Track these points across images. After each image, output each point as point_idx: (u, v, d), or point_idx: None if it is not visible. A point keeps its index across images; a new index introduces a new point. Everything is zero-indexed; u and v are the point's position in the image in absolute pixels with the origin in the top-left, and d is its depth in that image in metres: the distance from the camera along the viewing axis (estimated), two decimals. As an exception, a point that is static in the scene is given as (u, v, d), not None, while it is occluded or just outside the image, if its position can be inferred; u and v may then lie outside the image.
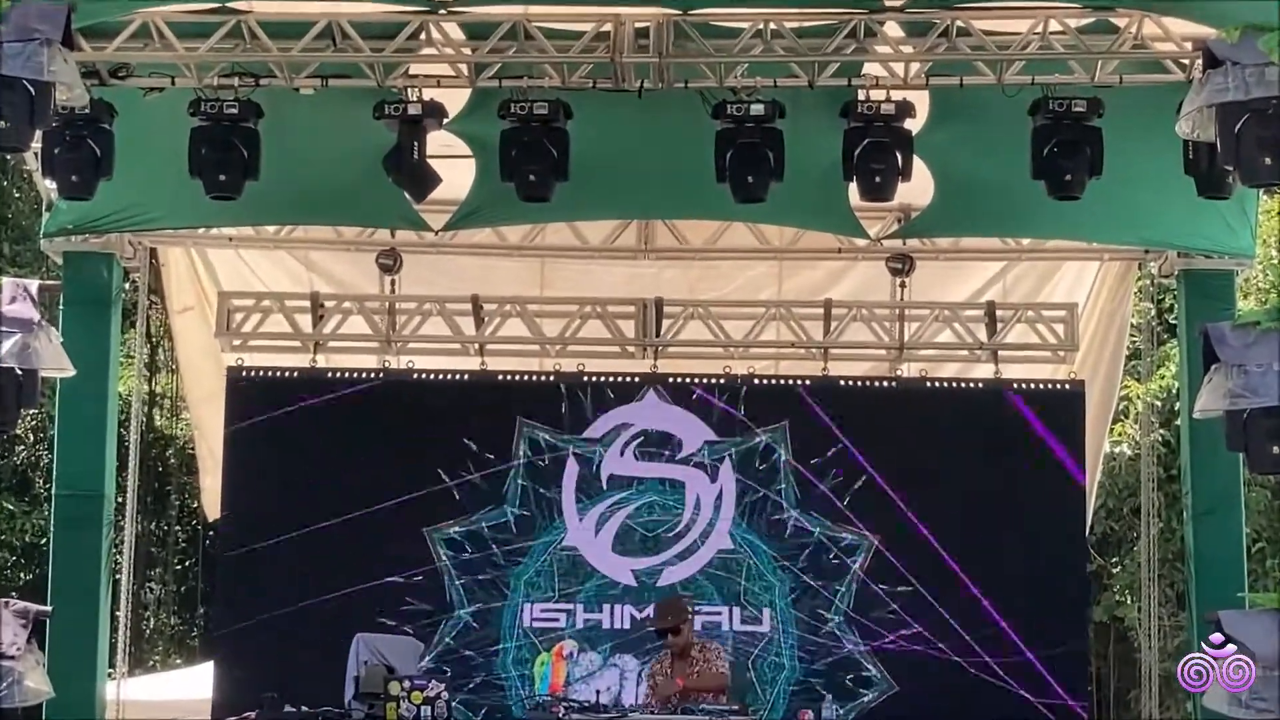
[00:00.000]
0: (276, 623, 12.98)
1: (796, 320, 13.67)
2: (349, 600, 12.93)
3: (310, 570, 13.08)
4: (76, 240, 12.73)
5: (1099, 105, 11.14)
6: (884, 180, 11.30)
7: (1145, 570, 14.15)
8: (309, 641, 12.71)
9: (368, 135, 11.59)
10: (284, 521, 13.16)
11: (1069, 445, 13.21)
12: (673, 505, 13.26)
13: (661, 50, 11.24)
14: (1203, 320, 9.97)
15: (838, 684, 12.60)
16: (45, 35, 8.54)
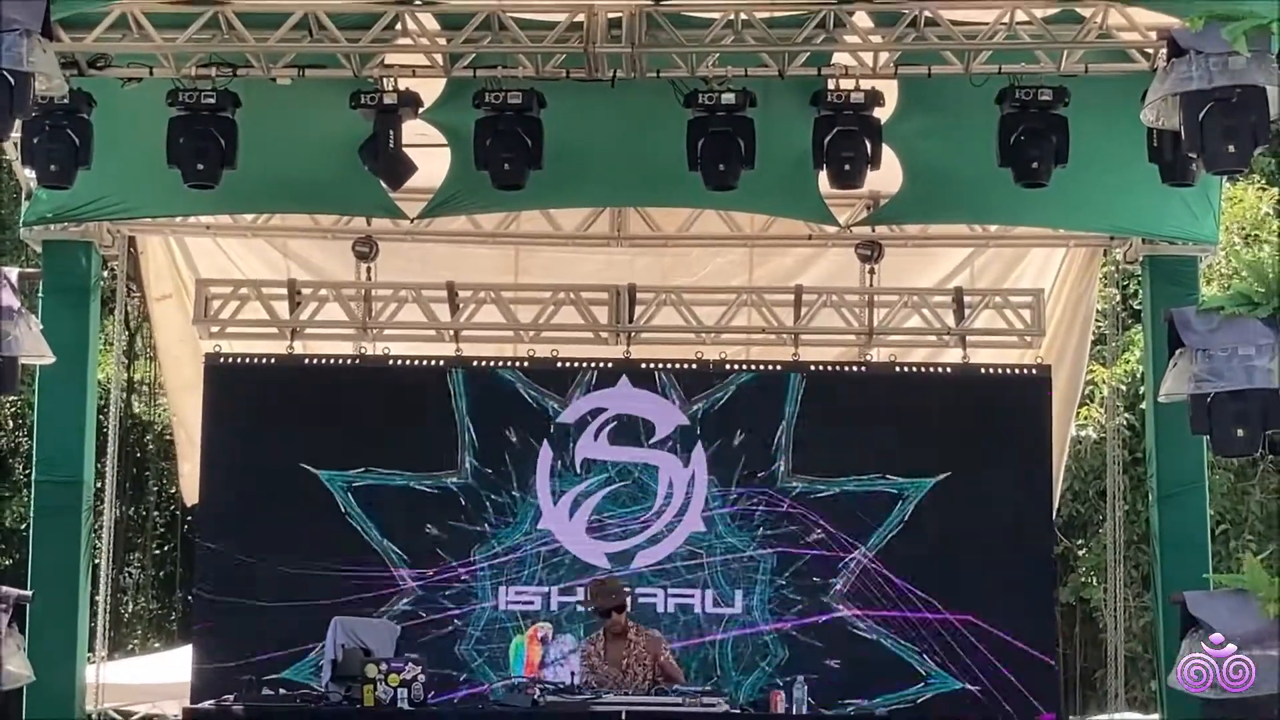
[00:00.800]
0: (254, 608, 12.95)
1: (768, 306, 13.67)
2: (326, 585, 12.91)
3: (287, 556, 13.03)
4: (56, 229, 12.67)
5: (1065, 94, 11.16)
6: (853, 168, 11.31)
7: (1111, 552, 14.19)
8: (287, 626, 12.69)
9: (344, 124, 11.58)
10: (262, 507, 13.13)
11: (1036, 429, 13.21)
12: (646, 489, 13.25)
13: (634, 40, 11.23)
14: (1167, 306, 10.01)
15: (808, 665, 12.58)
16: (24, 25, 8.51)
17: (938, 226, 13.65)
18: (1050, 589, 13.64)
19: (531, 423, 13.28)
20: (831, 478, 13.17)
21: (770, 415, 13.26)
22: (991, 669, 12.78)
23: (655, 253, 14.00)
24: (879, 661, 12.88)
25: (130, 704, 18.25)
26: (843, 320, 13.66)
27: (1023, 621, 12.93)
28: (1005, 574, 13.02)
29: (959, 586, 12.97)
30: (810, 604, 13.06)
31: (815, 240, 13.70)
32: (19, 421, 21.84)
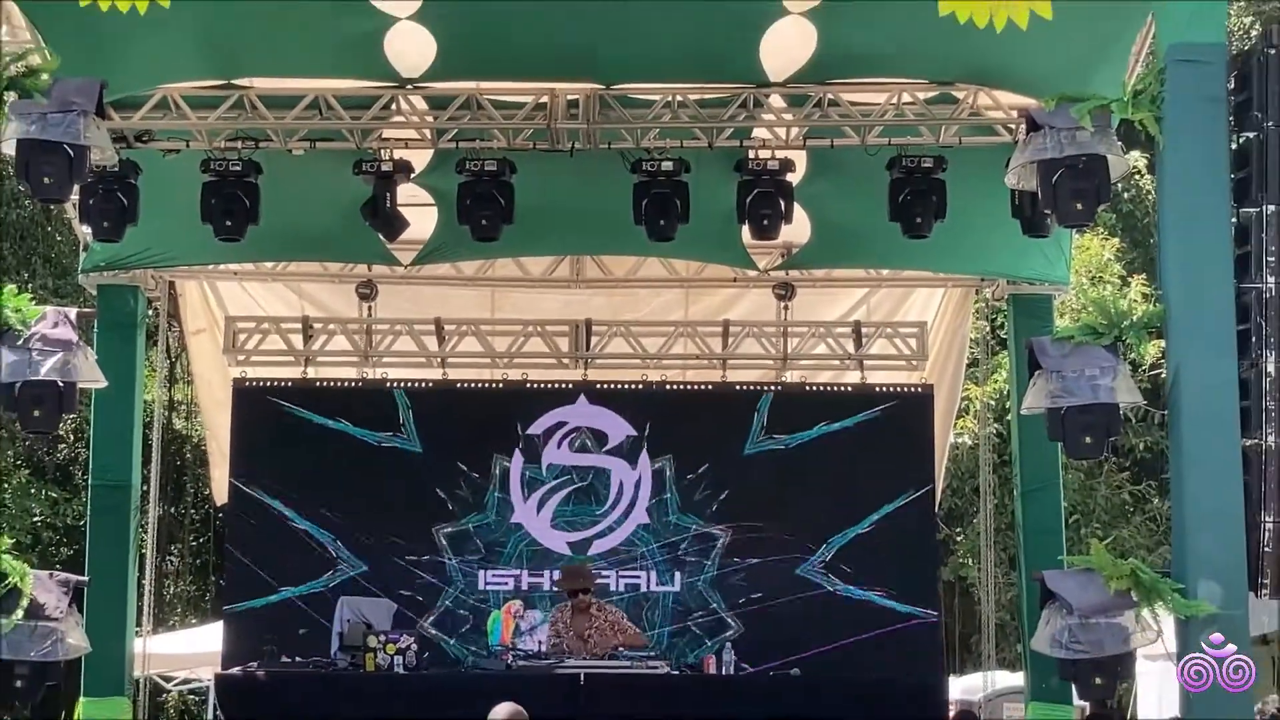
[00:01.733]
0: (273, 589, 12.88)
1: (700, 337, 13.67)
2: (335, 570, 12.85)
3: (299, 545, 12.96)
4: (108, 275, 12.61)
5: (943, 162, 11.24)
6: (770, 223, 11.35)
7: (983, 538, 14.23)
8: (301, 603, 12.63)
9: (348, 188, 11.57)
10: (282, 508, 13.05)
11: (921, 437, 13.25)
12: (600, 488, 13.22)
13: (589, 118, 11.25)
14: (1028, 335, 10.02)
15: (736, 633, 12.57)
16: (81, 107, 8.46)
17: (840, 270, 13.67)
18: (934, 567, 13.65)
19: (506, 434, 13.24)
20: (755, 475, 13.14)
21: (704, 427, 13.24)
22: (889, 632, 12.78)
23: (608, 293, 13.98)
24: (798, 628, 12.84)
25: (171, 670, 18.13)
26: (762, 348, 13.67)
27: (913, 594, 12.95)
28: (900, 556, 13.03)
29: (864, 564, 12.96)
30: (740, 582, 13.03)
31: (739, 282, 13.70)
32: (78, 435, 21.64)
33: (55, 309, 8.65)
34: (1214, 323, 8.17)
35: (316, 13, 9.85)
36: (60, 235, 20.74)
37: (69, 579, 8.48)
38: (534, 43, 10.26)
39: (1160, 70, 8.31)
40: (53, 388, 8.40)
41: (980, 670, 17.60)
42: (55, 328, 8.47)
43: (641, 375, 13.59)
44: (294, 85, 11.18)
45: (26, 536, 20.59)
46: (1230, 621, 7.86)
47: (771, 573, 13.01)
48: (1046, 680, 11.11)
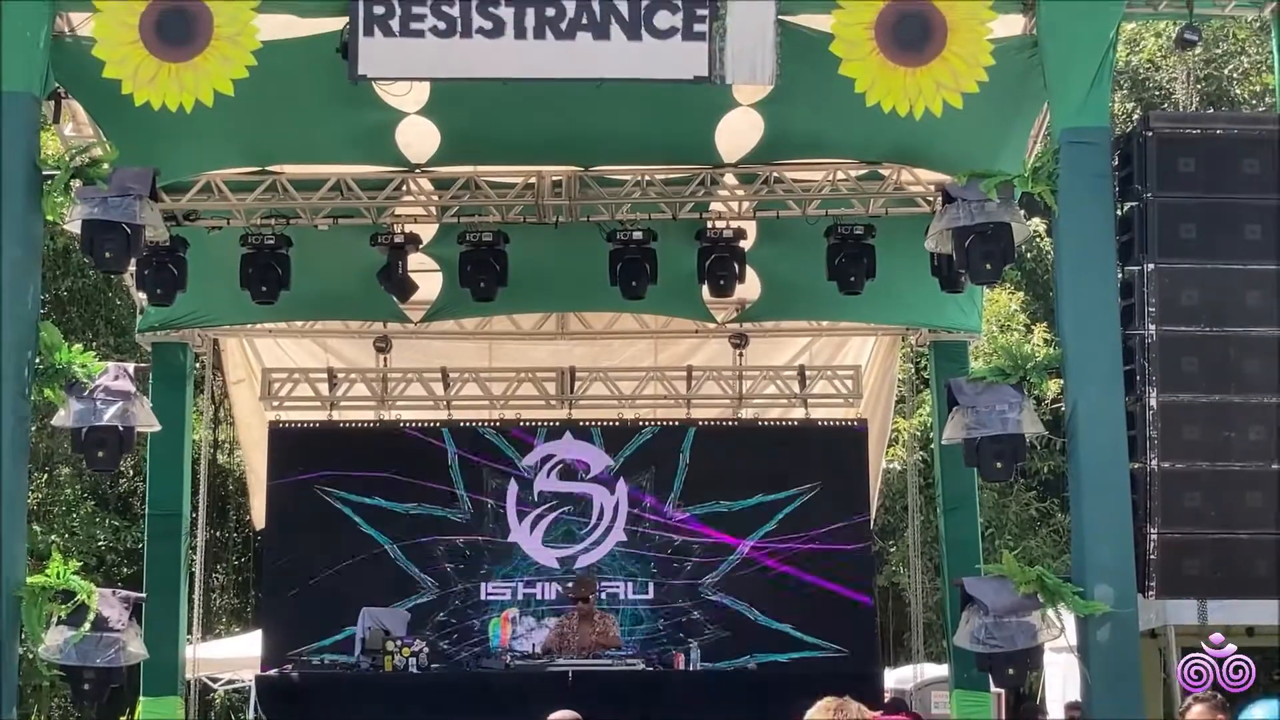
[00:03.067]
0: (305, 602, 12.80)
1: (668, 380, 13.67)
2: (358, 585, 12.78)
3: (327, 565, 12.90)
4: (161, 334, 12.56)
5: (873, 229, 11.29)
6: (726, 283, 11.38)
7: (911, 549, 14.23)
8: (329, 615, 12.55)
9: (366, 257, 11.55)
10: (311, 530, 12.99)
11: (857, 464, 13.24)
12: (584, 512, 13.19)
13: (571, 195, 11.29)
14: (947, 376, 10.05)
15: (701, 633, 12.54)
16: (137, 191, 8.45)
17: (786, 322, 13.66)
18: (869, 575, 13.63)
19: (503, 466, 13.20)
20: (716, 500, 13.12)
21: (671, 456, 13.24)
22: (832, 631, 12.75)
23: (588, 343, 13.96)
24: (753, 630, 12.82)
25: (217, 673, 18.02)
26: (721, 389, 13.67)
27: (852, 597, 12.92)
28: (839, 565, 13.00)
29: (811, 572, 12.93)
30: (704, 589, 12.99)
31: (700, 334, 13.69)
32: (137, 470, 21.51)
33: (116, 364, 8.61)
34: (1104, 363, 8.20)
35: (337, 109, 9.86)
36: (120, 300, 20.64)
37: (129, 595, 8.44)
38: (523, 132, 10.30)
39: (1055, 150, 8.36)
40: (114, 432, 8.36)
41: (911, 663, 17.56)
42: (116, 380, 8.43)
43: (618, 414, 13.58)
44: (319, 170, 11.19)
45: (93, 559, 20.41)
46: (1122, 619, 7.87)
47: (734, 579, 12.97)
48: (967, 671, 11.09)
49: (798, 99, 9.51)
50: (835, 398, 13.66)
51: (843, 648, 12.63)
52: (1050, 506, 21.66)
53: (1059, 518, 20.98)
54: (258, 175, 11.15)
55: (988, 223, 8.45)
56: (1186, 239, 8.24)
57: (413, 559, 12.98)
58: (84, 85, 8.81)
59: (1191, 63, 20.84)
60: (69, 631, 7.94)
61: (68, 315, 20.32)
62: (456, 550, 13.02)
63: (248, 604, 25.32)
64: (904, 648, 21.21)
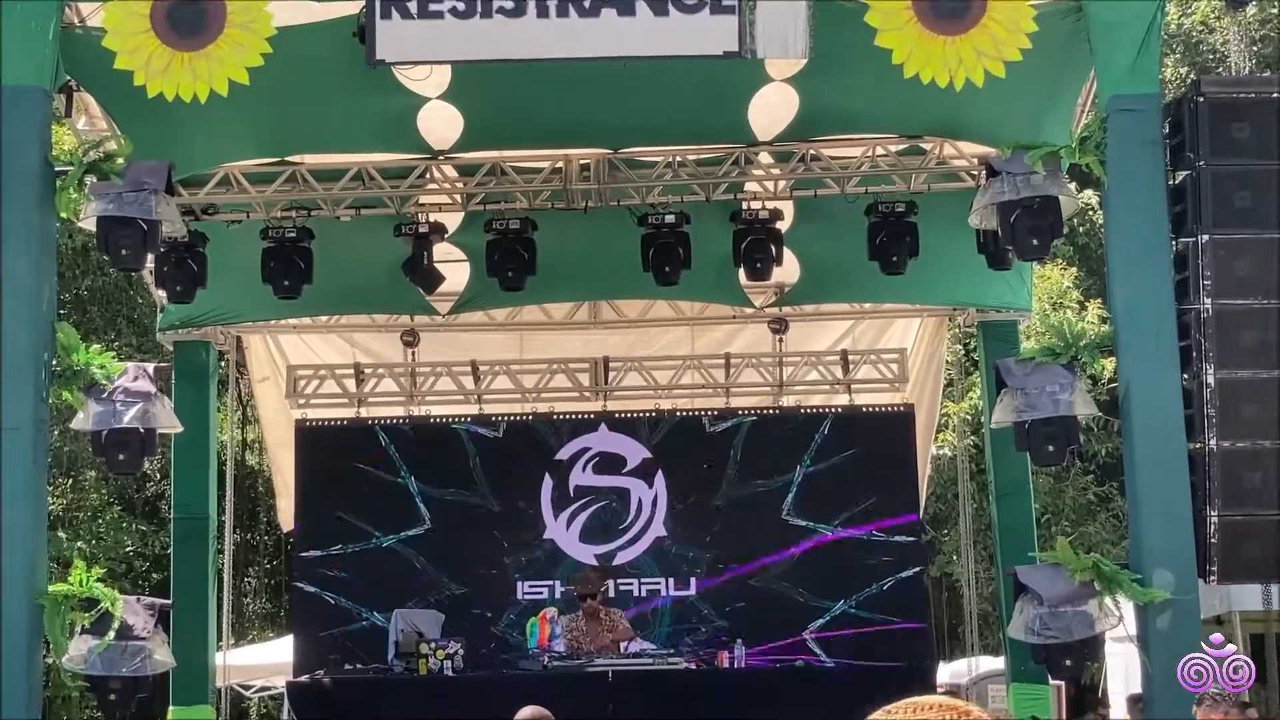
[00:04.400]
0: (336, 604, 12.83)
1: (705, 369, 13.64)
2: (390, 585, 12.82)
3: (358, 565, 12.93)
4: (182, 333, 12.63)
5: (914, 206, 11.23)
6: (763, 266, 11.35)
7: (964, 539, 14.17)
8: (361, 616, 12.60)
9: (390, 248, 11.59)
10: (341, 532, 13.03)
11: (904, 451, 13.18)
12: (622, 506, 13.17)
13: (600, 179, 11.27)
14: (996, 357, 10.01)
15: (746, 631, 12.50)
16: (153, 186, 8.49)
17: (827, 305, 13.63)
18: (921, 565, 13.55)
19: (537, 460, 13.21)
20: (759, 490, 13.09)
21: (711, 446, 13.20)
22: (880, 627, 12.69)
23: (622, 332, 13.96)
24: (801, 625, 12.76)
25: (249, 680, 18.11)
26: (761, 377, 13.62)
27: (902, 591, 12.86)
28: (888, 557, 12.94)
29: (856, 568, 12.88)
30: (749, 583, 12.97)
31: (738, 319, 13.68)
32: (164, 474, 21.64)
33: (135, 365, 8.67)
34: (1158, 341, 8.14)
35: (356, 96, 9.88)
36: (141, 298, 20.77)
37: (154, 602, 8.50)
38: (549, 115, 10.29)
39: (1103, 119, 8.30)
40: (135, 434, 8.41)
41: (966, 656, 17.48)
42: (135, 381, 8.48)
43: (654, 404, 13.55)
44: (340, 160, 11.21)
45: (120, 565, 20.58)
46: (1183, 606, 7.82)
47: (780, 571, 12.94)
48: (1025, 663, 11.03)
49: (833, 72, 9.47)
50: (880, 383, 13.60)
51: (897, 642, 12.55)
52: (1109, 491, 21.54)
53: (1118, 502, 20.86)
54: (277, 166, 11.18)
55: (1034, 196, 8.41)
56: (1241, 208, 8.16)
57: (445, 557, 12.98)
58: (96, 77, 8.86)
59: (1246, 24, 20.63)
60: (93, 640, 8.00)
61: (89, 315, 20.48)
62: (490, 547, 13.02)
63: (280, 608, 25.44)
64: (959, 640, 21.14)
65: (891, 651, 12.17)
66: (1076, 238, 23.28)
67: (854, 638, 12.54)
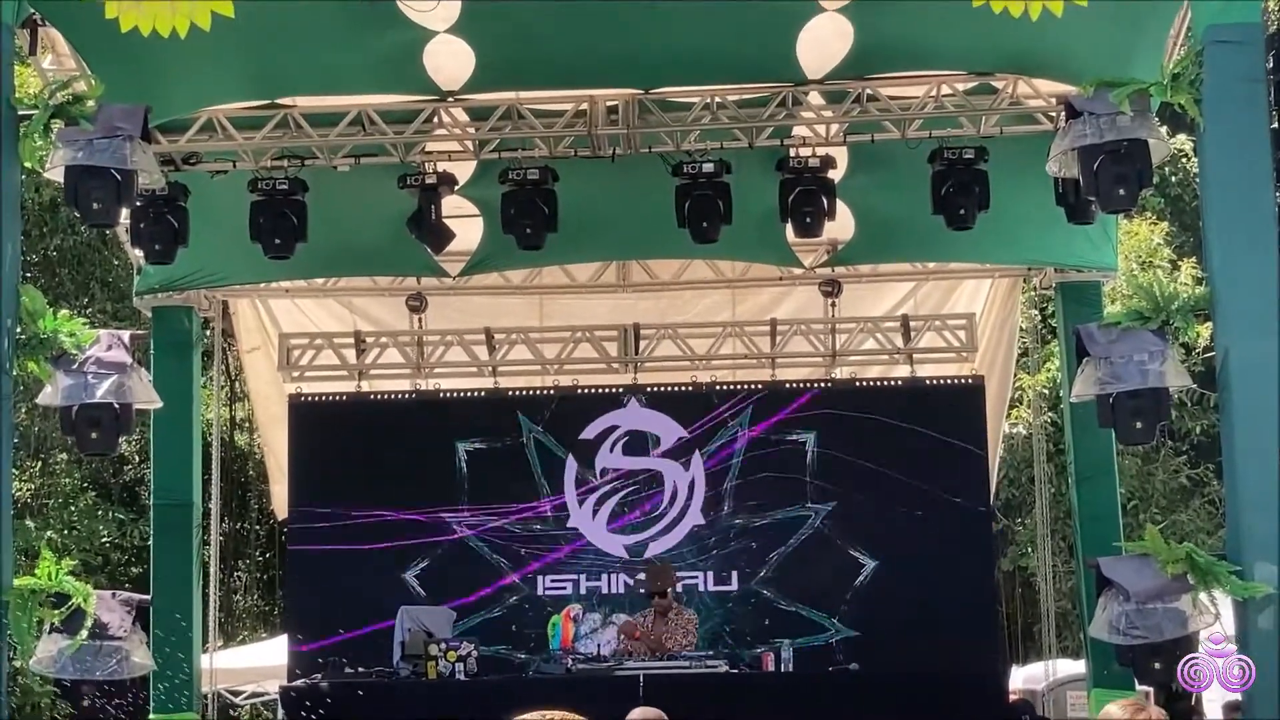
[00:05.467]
0: (335, 600, 12.91)
1: (748, 336, 13.63)
2: (395, 581, 12.88)
3: (361, 558, 13.00)
4: (162, 297, 12.69)
5: (984, 152, 11.15)
6: (814, 220, 11.30)
7: (1040, 527, 14.15)
8: (363, 614, 12.66)
9: (394, 202, 11.59)
10: (340, 521, 13.08)
11: (972, 429, 13.14)
12: (654, 491, 13.20)
13: (629, 123, 11.23)
14: (1076, 322, 9.96)
15: (794, 632, 12.52)
16: (127, 132, 8.47)
17: (886, 265, 13.62)
18: (990, 560, 13.54)
19: (558, 439, 13.22)
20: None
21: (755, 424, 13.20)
22: (944, 628, 12.68)
23: (654, 296, 13.97)
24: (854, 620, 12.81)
25: (238, 685, 18.22)
26: (811, 346, 13.61)
27: (969, 588, 12.85)
28: (953, 549, 12.93)
29: (917, 560, 12.89)
30: (795, 582, 12.98)
31: (785, 280, 13.66)
32: (144, 456, 21.78)
33: (109, 332, 8.67)
34: (1261, 304, 8.03)
35: (354, 29, 9.87)
36: (117, 260, 20.88)
37: (132, 598, 8.52)
38: (572, 50, 10.26)
39: (1198, 52, 8.20)
40: (109, 410, 8.42)
41: (1042, 659, 17.47)
42: (109, 351, 8.49)
43: (691, 377, 13.56)
44: (336, 102, 11.21)
45: (96, 558, 20.73)
46: (1288, 602, 7.76)
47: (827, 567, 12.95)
48: (1107, 667, 11.01)
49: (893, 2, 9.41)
50: (946, 352, 13.58)
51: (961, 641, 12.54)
52: (1204, 473, 21.47)
53: (1214, 486, 20.77)
54: (266, 110, 11.18)
55: (1120, 140, 8.33)
56: (1356, 153, 8.06)
57: (456, 549, 13.03)
58: (62, 11, 8.86)
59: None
60: (63, 640, 8.03)
61: (57, 278, 20.58)
62: (507, 538, 13.05)
63: (274, 605, 25.61)
64: (1035, 642, 21.12)
65: (957, 654, 12.16)
66: (1168, 188, 23.14)
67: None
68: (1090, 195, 8.87)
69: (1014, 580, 21.86)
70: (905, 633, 12.62)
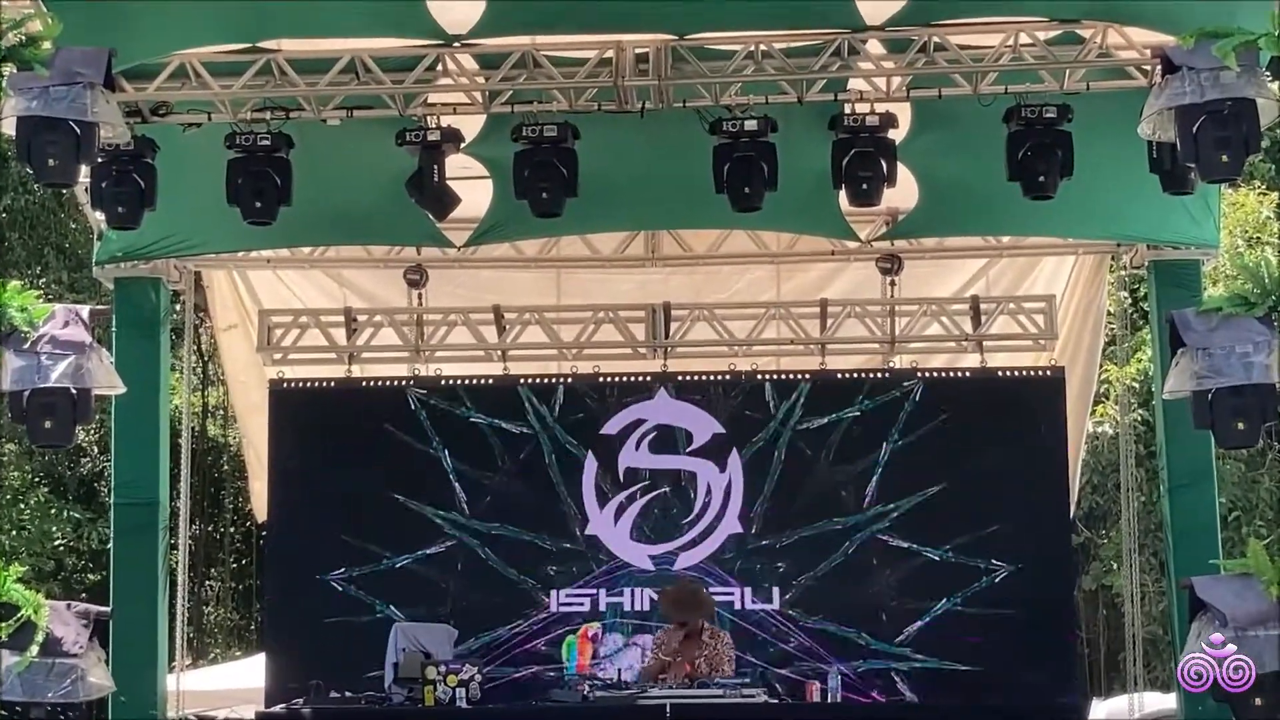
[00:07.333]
0: (320, 616, 12.96)
1: (795, 319, 13.63)
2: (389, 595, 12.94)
3: (346, 567, 13.06)
4: (126, 267, 12.73)
5: (1068, 111, 11.10)
6: (871, 186, 11.26)
7: (1127, 541, 14.12)
8: (351, 633, 12.71)
9: (391, 161, 11.59)
10: (325, 522, 13.14)
11: (1051, 427, 13.14)
12: (685, 495, 13.22)
13: (660, 73, 11.21)
14: (1171, 307, 9.95)
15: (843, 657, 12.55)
16: (88, 78, 8.54)
17: (953, 239, 13.61)
18: (1070, 578, 13.53)
19: (576, 435, 13.26)
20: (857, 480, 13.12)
21: (800, 421, 13.21)
22: (1015, 654, 12.69)
23: (688, 272, 13.98)
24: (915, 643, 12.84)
25: (210, 709, 18.27)
26: (866, 330, 13.61)
27: (1044, 609, 12.85)
28: (1028, 565, 12.94)
29: (984, 578, 12.90)
30: (846, 599, 13.00)
31: (838, 255, 13.66)
32: (104, 448, 21.91)
33: (65, 307, 8.75)
34: (1384, 287, 8.07)
35: (348, -36, 9.90)
36: (75, 224, 21.00)
37: (89, 610, 8.59)
38: (596, -11, 10.29)
39: (1315, 0, 8.21)
40: (65, 395, 8.51)
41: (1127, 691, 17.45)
42: (65, 328, 8.56)
43: (729, 364, 13.57)
44: (327, 47, 11.22)
45: (48, 562, 20.88)
46: None
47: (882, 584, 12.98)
48: (1202, 702, 10.99)
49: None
50: (1021, 339, 13.58)
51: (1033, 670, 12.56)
52: (1318, 482, 21.39)
53: (1329, 497, 20.73)
54: (247, 54, 11.20)
55: (1224, 99, 8.35)
56: None
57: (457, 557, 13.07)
58: (15, -60, 8.90)
59: None
60: (11, 657, 8.11)
61: (7, 243, 20.69)
62: (516, 545, 13.09)
63: (250, 619, 25.77)
64: (1120, 672, 21.09)
65: (1033, 685, 12.17)
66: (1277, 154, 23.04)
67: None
68: (1189, 161, 8.89)
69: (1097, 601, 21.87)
70: (971, 659, 12.65)
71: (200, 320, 15.28)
